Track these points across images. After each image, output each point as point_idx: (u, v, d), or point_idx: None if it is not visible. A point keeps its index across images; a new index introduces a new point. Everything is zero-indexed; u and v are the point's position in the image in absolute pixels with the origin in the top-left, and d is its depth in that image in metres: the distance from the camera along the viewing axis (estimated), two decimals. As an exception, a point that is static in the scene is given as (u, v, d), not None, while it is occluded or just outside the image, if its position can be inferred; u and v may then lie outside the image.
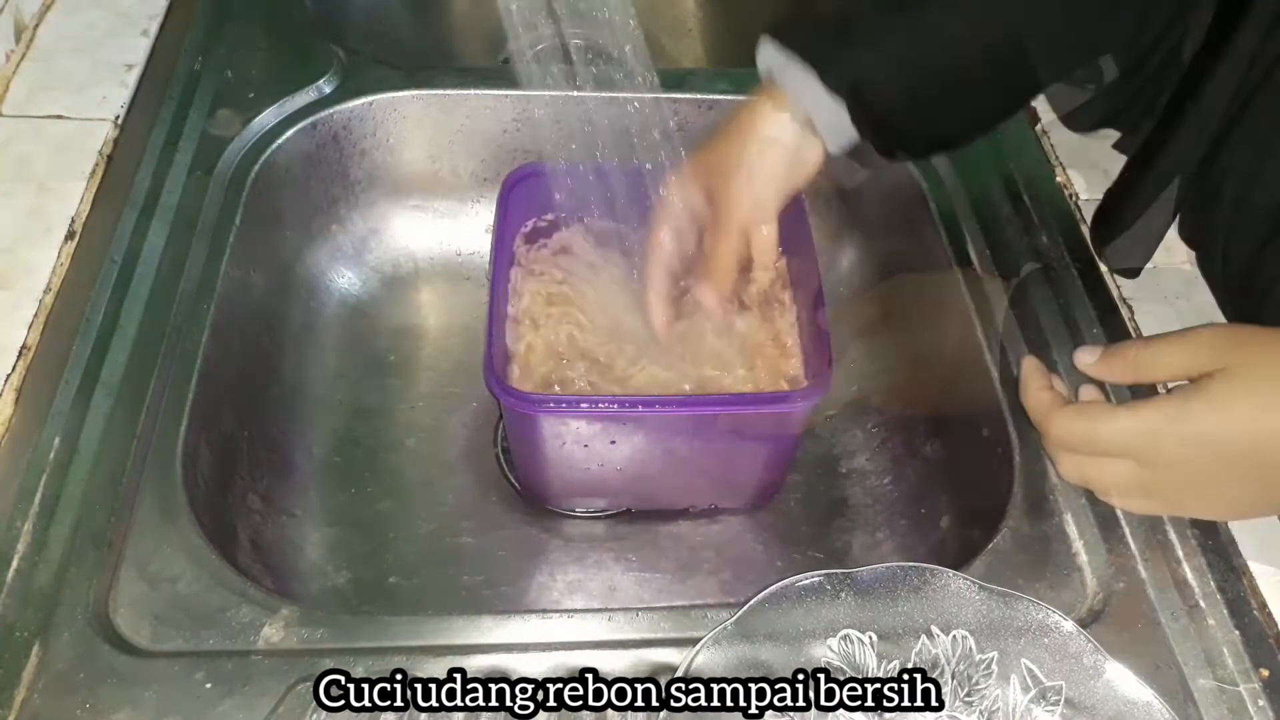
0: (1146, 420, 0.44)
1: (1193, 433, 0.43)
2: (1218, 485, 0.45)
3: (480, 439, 0.71)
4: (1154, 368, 0.47)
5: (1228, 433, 0.43)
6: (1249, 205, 0.55)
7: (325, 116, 0.72)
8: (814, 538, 0.68)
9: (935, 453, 0.67)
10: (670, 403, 0.57)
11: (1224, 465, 0.43)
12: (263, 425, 0.66)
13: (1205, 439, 0.43)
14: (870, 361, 0.75)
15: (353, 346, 0.75)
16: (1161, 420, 0.44)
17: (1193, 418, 0.43)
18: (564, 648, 0.48)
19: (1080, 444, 0.47)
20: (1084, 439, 0.46)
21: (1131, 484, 0.46)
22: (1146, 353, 0.47)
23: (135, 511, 0.51)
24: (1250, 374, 0.42)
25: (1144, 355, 0.47)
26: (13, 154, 0.65)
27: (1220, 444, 0.43)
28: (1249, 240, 0.56)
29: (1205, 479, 0.44)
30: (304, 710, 0.45)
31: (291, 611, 0.48)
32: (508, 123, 0.76)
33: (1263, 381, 0.42)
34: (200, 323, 0.60)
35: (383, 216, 0.79)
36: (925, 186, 0.70)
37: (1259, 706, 0.47)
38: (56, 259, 0.60)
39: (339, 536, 0.66)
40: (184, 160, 0.67)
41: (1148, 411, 0.44)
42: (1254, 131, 0.54)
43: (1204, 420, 0.43)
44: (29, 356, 0.56)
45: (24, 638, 0.46)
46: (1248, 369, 0.43)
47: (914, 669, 0.46)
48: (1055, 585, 0.51)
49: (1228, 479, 0.44)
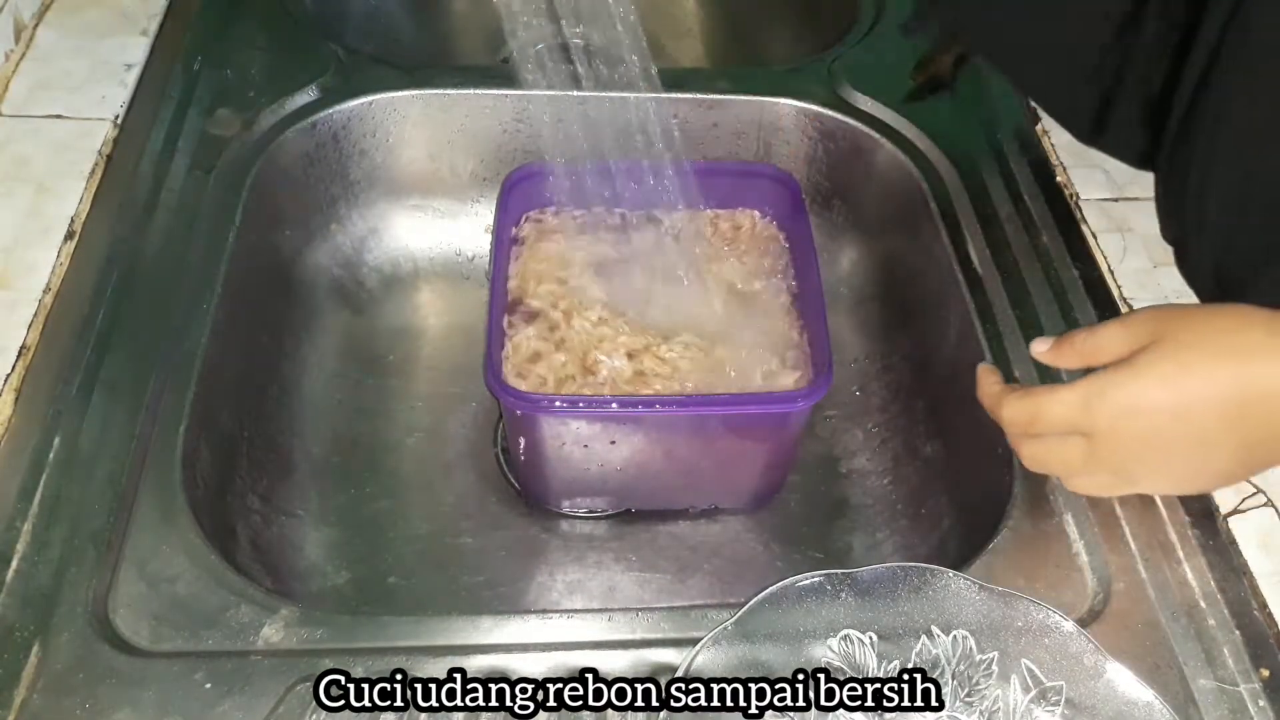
0: (1081, 392, 0.46)
1: (1123, 399, 0.45)
2: (1153, 450, 0.46)
3: (480, 439, 0.71)
4: (1099, 351, 0.48)
5: (1151, 398, 0.45)
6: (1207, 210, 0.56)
7: (325, 116, 0.72)
8: (814, 538, 0.68)
9: (935, 453, 0.67)
10: (670, 403, 0.57)
11: (1153, 429, 0.45)
12: (262, 425, 0.66)
13: (1133, 405, 0.45)
14: (869, 361, 0.75)
15: (352, 346, 0.75)
16: (1094, 391, 0.46)
17: (1122, 385, 0.45)
18: (564, 648, 0.48)
19: (1028, 423, 0.49)
20: (1030, 417, 0.48)
21: (1081, 461, 0.48)
22: (1092, 338, 0.48)
23: (135, 511, 0.51)
24: (1178, 342, 0.45)
25: (1090, 340, 0.49)
26: (12, 154, 0.65)
27: (1147, 409, 0.45)
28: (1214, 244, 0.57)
29: (1139, 445, 0.46)
30: (303, 710, 0.45)
31: (291, 612, 0.48)
32: (508, 122, 0.76)
33: (1183, 349, 0.44)
34: (200, 322, 0.59)
35: (382, 216, 0.79)
36: (925, 186, 0.70)
37: (1259, 707, 0.47)
38: (56, 259, 0.60)
39: (338, 536, 0.65)
40: (183, 160, 0.67)
41: (1082, 384, 0.46)
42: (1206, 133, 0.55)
43: (1131, 386, 0.45)
44: (28, 356, 0.56)
45: (23, 638, 0.46)
46: (1175, 337, 0.45)
47: (914, 669, 0.46)
48: (1056, 585, 0.51)
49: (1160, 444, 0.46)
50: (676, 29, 1.02)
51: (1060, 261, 0.65)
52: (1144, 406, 0.45)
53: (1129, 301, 0.62)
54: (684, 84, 0.76)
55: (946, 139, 0.72)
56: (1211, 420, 0.44)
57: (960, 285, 0.65)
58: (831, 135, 0.76)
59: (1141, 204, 0.67)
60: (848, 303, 0.78)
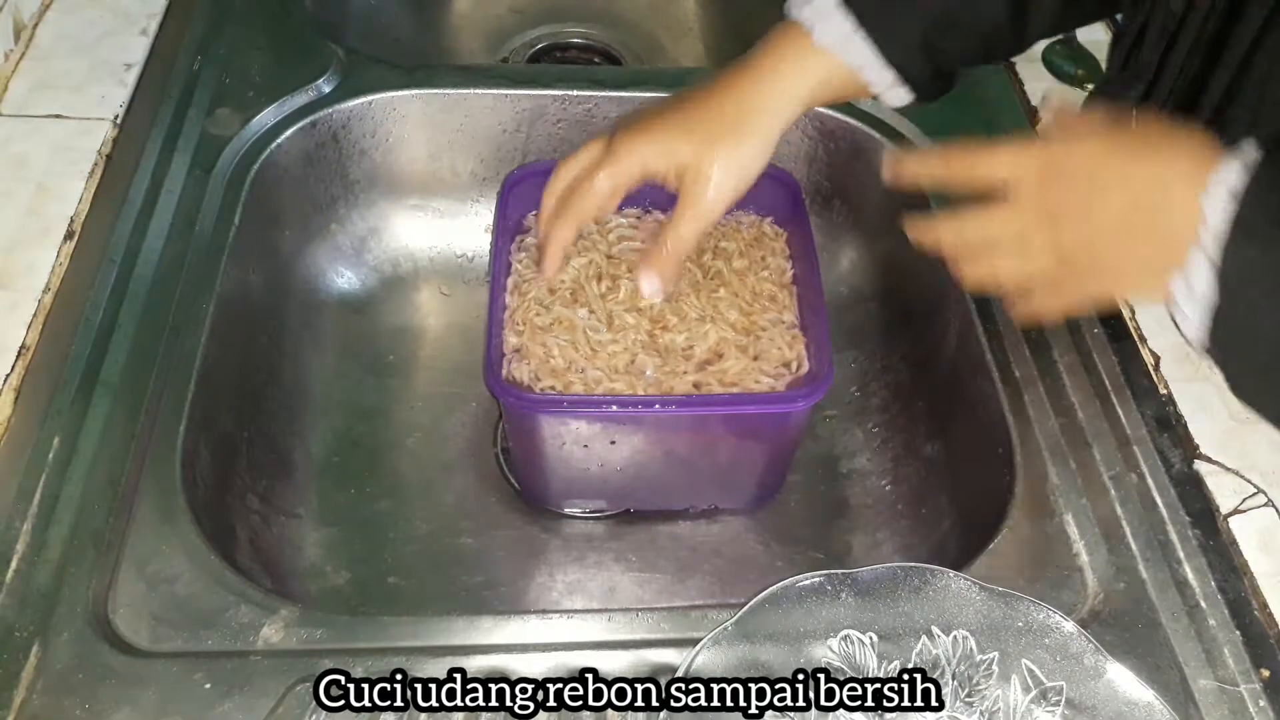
0: (1014, 152, 0.45)
1: (1049, 161, 0.45)
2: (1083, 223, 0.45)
3: (480, 439, 0.71)
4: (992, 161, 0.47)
5: (1076, 163, 0.44)
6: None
7: (324, 115, 0.72)
8: (814, 538, 0.68)
9: (936, 453, 0.67)
10: (670, 403, 0.57)
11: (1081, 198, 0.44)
12: (262, 425, 0.66)
13: (1058, 169, 0.44)
14: (870, 361, 0.75)
15: (352, 346, 0.75)
16: (1026, 152, 0.45)
17: (1042, 150, 0.45)
18: (564, 648, 0.48)
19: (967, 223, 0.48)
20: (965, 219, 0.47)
21: (1013, 242, 0.46)
22: (984, 150, 0.47)
23: (134, 512, 0.51)
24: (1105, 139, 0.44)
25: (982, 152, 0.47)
26: (12, 153, 0.65)
27: (1071, 173, 0.44)
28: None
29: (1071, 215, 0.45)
30: (303, 711, 0.45)
31: (291, 612, 0.48)
32: (507, 122, 0.76)
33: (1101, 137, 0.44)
34: (199, 322, 0.59)
35: (382, 216, 0.79)
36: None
37: (1260, 707, 0.47)
38: (55, 259, 0.60)
39: (338, 537, 0.65)
40: (183, 159, 0.67)
41: (1011, 147, 0.46)
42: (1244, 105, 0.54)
43: (1053, 151, 0.45)
44: (28, 356, 0.56)
45: (23, 638, 0.46)
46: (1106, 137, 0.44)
47: (914, 669, 0.46)
48: (1056, 585, 0.51)
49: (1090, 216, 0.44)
50: (676, 29, 1.02)
51: (1060, 261, 0.65)
52: (1068, 172, 0.44)
53: (1129, 301, 0.62)
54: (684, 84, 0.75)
55: (947, 139, 0.72)
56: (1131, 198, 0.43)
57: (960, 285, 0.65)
58: (832, 135, 0.76)
59: (1142, 204, 0.67)
60: (848, 303, 0.78)
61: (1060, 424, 0.58)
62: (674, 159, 0.53)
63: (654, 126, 0.54)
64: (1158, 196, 0.42)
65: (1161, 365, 0.60)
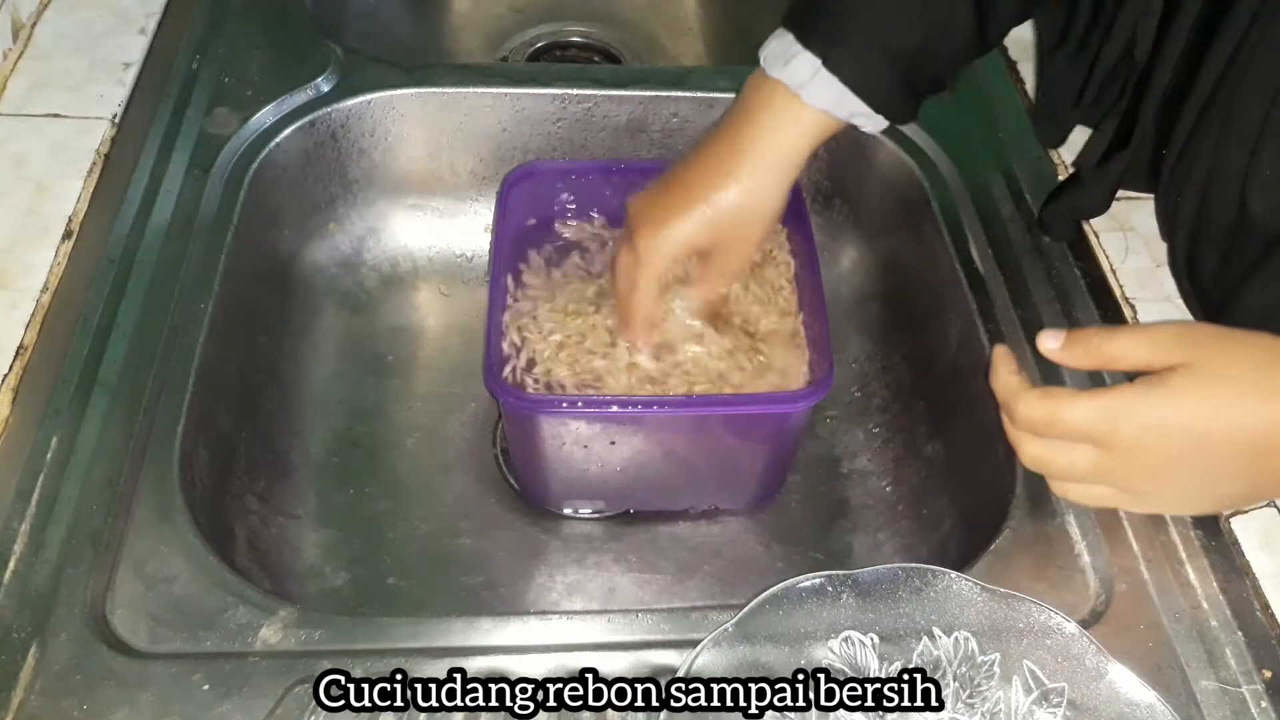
0: (1108, 405, 0.45)
1: (1151, 421, 0.44)
2: (1167, 473, 0.46)
3: (479, 439, 0.71)
4: (1118, 358, 0.47)
5: (1181, 422, 0.44)
6: (1206, 219, 0.56)
7: (323, 115, 0.72)
8: (815, 539, 0.68)
9: (936, 453, 0.67)
10: (670, 403, 0.57)
11: (1174, 453, 0.45)
12: (260, 425, 0.65)
13: (1160, 427, 0.44)
14: (870, 361, 0.75)
15: (351, 346, 0.75)
16: (1123, 406, 0.45)
17: (1153, 406, 0.44)
18: (563, 649, 0.48)
19: (1043, 425, 0.48)
20: (1046, 420, 0.47)
21: (1087, 468, 0.47)
22: (1111, 343, 0.47)
23: (132, 512, 0.51)
24: (1211, 371, 0.44)
25: (1109, 345, 0.47)
26: (10, 153, 0.65)
27: (1173, 432, 0.44)
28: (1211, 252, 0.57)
29: (1156, 465, 0.45)
30: (302, 712, 0.45)
31: (289, 613, 0.48)
32: (507, 121, 0.75)
33: (1222, 380, 0.44)
34: (198, 322, 0.59)
35: (381, 215, 0.78)
36: (927, 185, 0.70)
37: (1262, 708, 0.47)
38: (54, 258, 0.60)
39: (337, 537, 0.65)
40: (181, 159, 0.67)
41: (1110, 397, 0.45)
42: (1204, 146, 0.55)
43: (1162, 409, 0.44)
44: (26, 356, 0.56)
45: (21, 639, 0.46)
46: (1209, 366, 0.44)
47: (915, 670, 0.46)
48: (1058, 586, 0.51)
49: (1177, 467, 0.45)
50: (676, 28, 1.02)
51: (1062, 261, 0.65)
52: (1171, 432, 0.44)
53: (1131, 301, 0.62)
54: (684, 83, 0.75)
55: (948, 138, 0.72)
56: (1233, 454, 0.44)
57: (962, 284, 0.65)
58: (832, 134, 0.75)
59: (1143, 203, 0.67)
60: (848, 303, 0.78)
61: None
62: (691, 250, 0.57)
63: (669, 220, 0.55)
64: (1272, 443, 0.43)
65: (1163, 365, 0.59)
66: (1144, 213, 0.66)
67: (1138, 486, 0.47)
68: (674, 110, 0.75)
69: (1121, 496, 0.48)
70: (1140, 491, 0.47)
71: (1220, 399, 0.44)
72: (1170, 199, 0.60)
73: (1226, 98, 0.53)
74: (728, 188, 0.55)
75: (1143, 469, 0.46)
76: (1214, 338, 0.45)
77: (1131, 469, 0.46)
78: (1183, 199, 0.58)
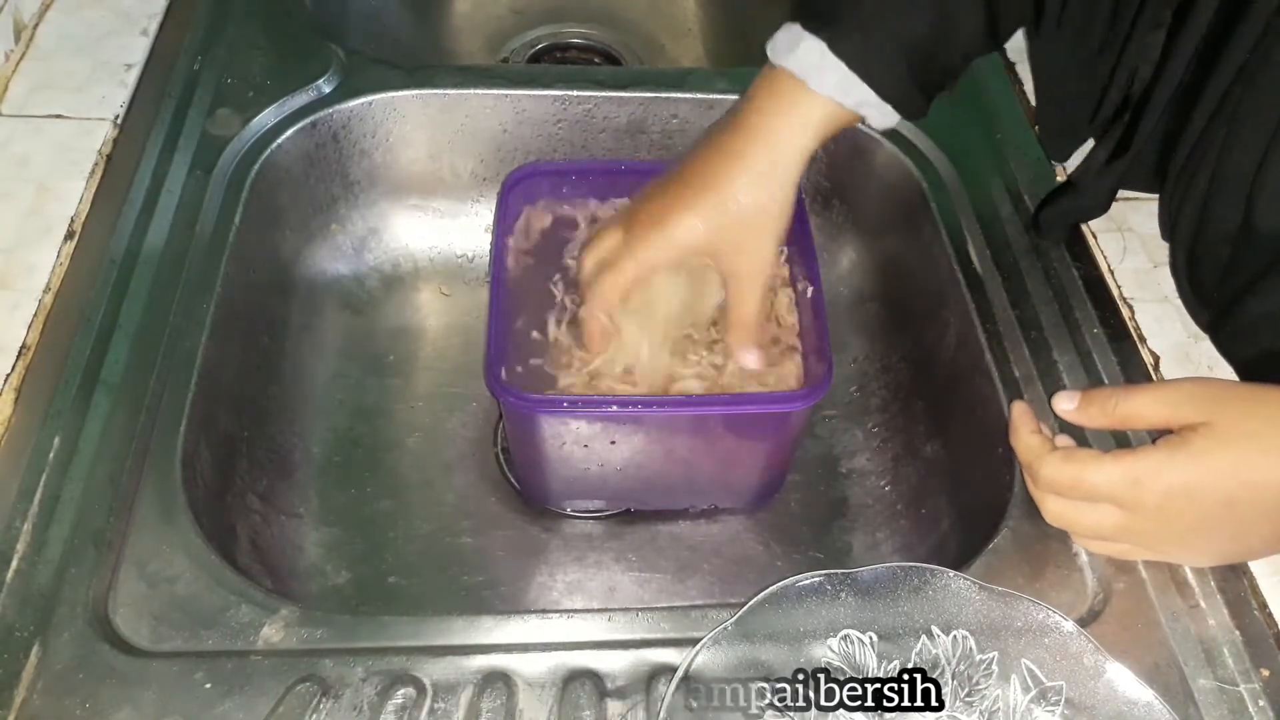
0: (1132, 468, 0.46)
1: (1176, 483, 0.45)
2: (1195, 533, 0.47)
3: (480, 439, 0.71)
4: (1135, 418, 0.48)
5: (1207, 484, 0.45)
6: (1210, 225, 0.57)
7: (325, 116, 0.72)
8: (814, 538, 0.68)
9: (935, 453, 0.67)
10: (670, 403, 0.57)
11: (1201, 514, 0.45)
12: (262, 425, 0.66)
13: (1186, 489, 0.45)
14: (869, 361, 0.75)
15: (352, 346, 0.75)
16: (1146, 469, 0.45)
17: (1176, 469, 0.45)
18: (564, 648, 0.48)
19: (1067, 488, 0.48)
20: (1071, 483, 0.48)
21: (1112, 529, 0.48)
22: (1127, 403, 0.48)
23: (135, 511, 0.51)
24: (1232, 430, 0.44)
25: (1125, 405, 0.48)
26: (12, 154, 0.65)
27: (1199, 494, 0.45)
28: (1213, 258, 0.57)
29: (1183, 527, 0.46)
30: (304, 710, 0.45)
31: (291, 612, 0.48)
32: (508, 122, 0.76)
33: (1244, 439, 0.44)
34: (200, 322, 0.59)
35: (382, 216, 0.79)
36: (925, 186, 0.70)
37: (1259, 707, 0.47)
38: (56, 259, 0.60)
39: (338, 536, 0.65)
40: (183, 160, 0.67)
41: (1133, 460, 0.46)
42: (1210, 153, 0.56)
43: (1187, 472, 0.45)
44: (28, 356, 0.56)
45: (23, 638, 0.46)
46: (1231, 425, 0.45)
47: (914, 669, 0.46)
48: (1056, 585, 0.51)
49: (1204, 527, 0.46)
50: (676, 29, 1.02)
51: (1060, 261, 0.65)
52: (1197, 495, 0.45)
53: (1129, 301, 0.62)
54: (683, 85, 0.76)
55: (947, 139, 0.72)
56: (1259, 513, 0.45)
57: (960, 285, 0.65)
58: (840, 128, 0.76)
59: (1141, 203, 0.67)
60: (848, 303, 0.78)
61: (1060, 424, 0.58)
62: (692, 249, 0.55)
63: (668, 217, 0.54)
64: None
65: (1161, 365, 0.60)
66: (1142, 213, 0.67)
67: (1164, 548, 0.48)
68: (674, 111, 0.75)
69: (1147, 553, 0.49)
70: (1163, 550, 0.48)
71: (1244, 459, 0.44)
72: (1174, 203, 0.60)
73: (1234, 107, 0.53)
74: (734, 178, 0.54)
75: (1170, 533, 0.46)
76: (1232, 395, 0.46)
77: (1158, 531, 0.46)
78: (1186, 205, 0.58)
